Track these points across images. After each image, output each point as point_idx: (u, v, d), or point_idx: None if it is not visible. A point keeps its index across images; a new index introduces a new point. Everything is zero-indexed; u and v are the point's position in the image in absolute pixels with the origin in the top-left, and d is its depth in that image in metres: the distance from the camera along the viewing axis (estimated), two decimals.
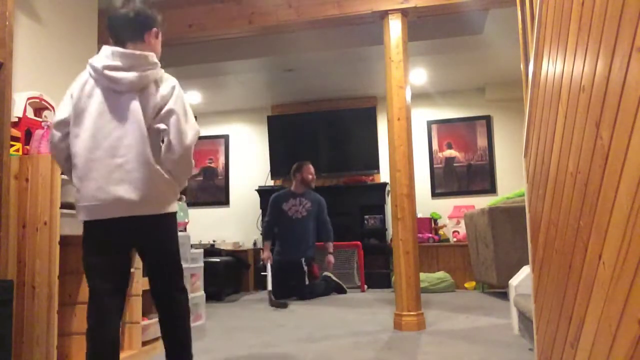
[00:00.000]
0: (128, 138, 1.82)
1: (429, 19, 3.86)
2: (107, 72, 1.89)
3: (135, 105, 1.84)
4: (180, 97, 1.95)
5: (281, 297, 4.78)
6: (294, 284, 5.02)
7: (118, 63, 1.89)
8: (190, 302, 3.49)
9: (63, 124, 1.90)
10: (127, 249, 1.94)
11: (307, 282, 5.04)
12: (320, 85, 6.30)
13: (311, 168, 5.40)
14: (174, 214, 1.96)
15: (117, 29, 2.05)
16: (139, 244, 1.94)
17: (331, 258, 5.29)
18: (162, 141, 1.88)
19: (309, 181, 5.36)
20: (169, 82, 1.98)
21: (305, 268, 5.05)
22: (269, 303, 4.62)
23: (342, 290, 5.39)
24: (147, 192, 1.81)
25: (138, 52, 1.93)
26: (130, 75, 1.87)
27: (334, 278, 5.41)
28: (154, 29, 2.13)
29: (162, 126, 1.87)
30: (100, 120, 1.85)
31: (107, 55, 1.93)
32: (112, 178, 1.79)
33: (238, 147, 7.24)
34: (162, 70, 2.03)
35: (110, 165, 1.80)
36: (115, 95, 1.87)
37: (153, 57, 1.98)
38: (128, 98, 1.86)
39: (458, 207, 6.40)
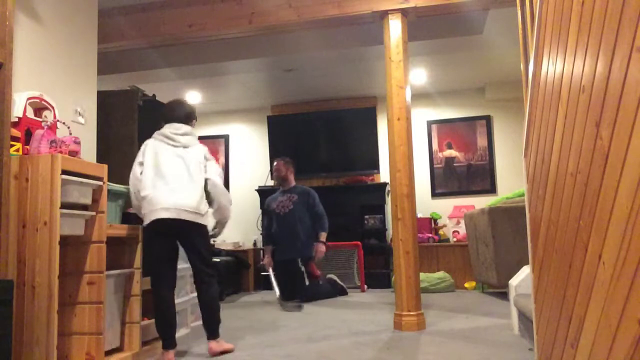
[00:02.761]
0: None
1: (429, 19, 3.86)
2: None
3: None
4: None
5: (286, 299, 4.77)
6: (293, 285, 4.97)
7: None
8: (190, 302, 3.51)
9: None
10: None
11: (307, 283, 4.99)
12: (320, 85, 6.30)
13: (277, 164, 5.31)
14: None
15: None
16: None
17: (320, 247, 5.06)
18: None
19: (279, 177, 5.30)
20: None
21: (303, 268, 4.99)
22: (282, 308, 4.56)
23: (344, 292, 5.34)
24: None
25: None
26: None
27: (339, 281, 5.36)
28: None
29: None
30: None
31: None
32: None
33: (238, 147, 7.24)
34: None
35: None
36: None
37: None
38: None
39: (458, 207, 6.40)
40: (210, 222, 2.90)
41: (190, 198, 2.73)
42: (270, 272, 5.02)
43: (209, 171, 2.92)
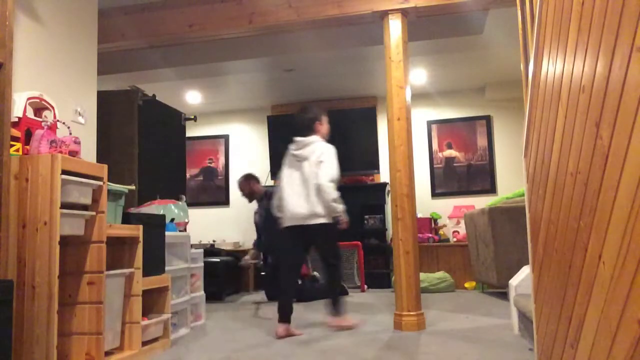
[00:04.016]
0: None
1: (429, 19, 3.86)
2: None
3: None
4: None
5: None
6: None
7: None
8: (190, 302, 3.51)
9: None
10: None
11: (299, 282, 4.93)
12: (320, 85, 6.30)
13: (239, 185, 5.33)
14: None
15: None
16: None
17: None
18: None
19: (245, 196, 5.32)
20: None
21: None
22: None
23: (344, 292, 5.30)
24: None
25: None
26: None
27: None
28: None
29: None
30: None
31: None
32: None
33: (238, 147, 7.24)
34: None
35: None
36: None
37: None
38: None
39: (458, 207, 6.40)
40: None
41: (303, 207, 3.40)
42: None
43: (318, 175, 3.40)
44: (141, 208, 3.41)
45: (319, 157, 3.44)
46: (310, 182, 3.40)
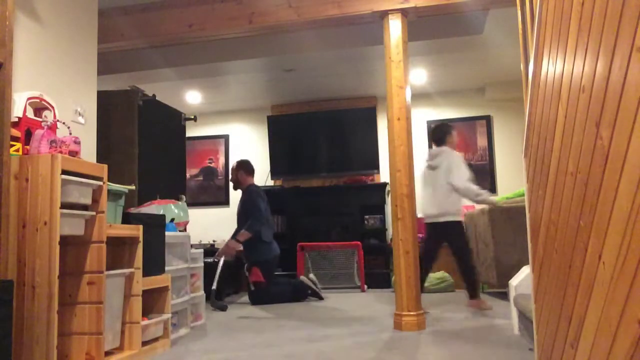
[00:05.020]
0: None
1: (429, 19, 3.86)
2: None
3: None
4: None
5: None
6: (249, 289, 4.97)
7: None
8: (190, 302, 3.51)
9: None
10: None
11: (252, 288, 4.86)
12: (320, 85, 6.30)
13: (230, 169, 5.34)
14: None
15: None
16: None
17: (230, 243, 4.89)
18: None
19: (232, 180, 5.24)
20: None
21: (247, 273, 4.90)
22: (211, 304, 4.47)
23: (318, 296, 5.02)
24: None
25: None
26: None
27: (309, 283, 5.05)
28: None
29: None
30: None
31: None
32: None
33: (238, 147, 7.24)
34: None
35: None
36: None
37: None
38: None
39: None
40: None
41: (434, 207, 4.15)
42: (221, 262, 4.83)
43: (453, 179, 4.05)
44: (141, 208, 3.41)
45: (449, 164, 4.09)
46: (439, 186, 4.10)
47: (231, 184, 5.34)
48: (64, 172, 2.22)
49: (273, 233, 5.13)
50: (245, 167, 5.18)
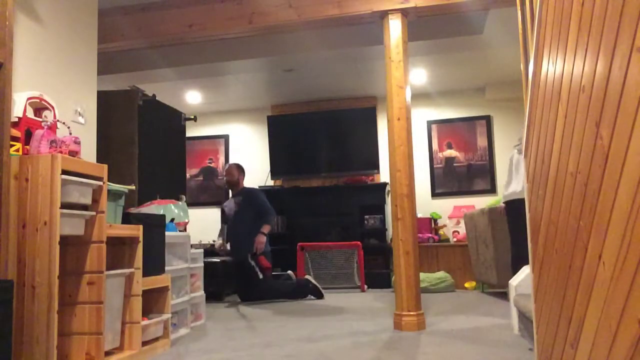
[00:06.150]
0: None
1: (429, 19, 3.86)
2: None
3: None
4: None
5: (242, 299, 5.04)
6: (247, 285, 5.03)
7: None
8: (190, 302, 3.51)
9: None
10: None
11: (260, 277, 4.97)
12: (320, 85, 6.30)
13: (230, 167, 5.49)
14: None
15: None
16: None
17: (259, 237, 5.08)
18: None
19: (231, 181, 5.46)
20: None
21: (253, 263, 5.00)
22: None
23: (319, 295, 5.04)
24: None
25: None
26: None
27: (313, 281, 5.15)
28: None
29: None
30: None
31: None
32: None
33: (238, 147, 7.24)
34: None
35: None
36: None
37: None
38: None
39: (458, 207, 6.40)
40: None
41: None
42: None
43: None
44: (141, 208, 3.41)
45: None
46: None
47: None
48: (64, 172, 2.22)
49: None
50: (242, 169, 5.51)
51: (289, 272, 5.40)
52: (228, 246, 5.41)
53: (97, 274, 2.43)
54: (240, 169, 5.46)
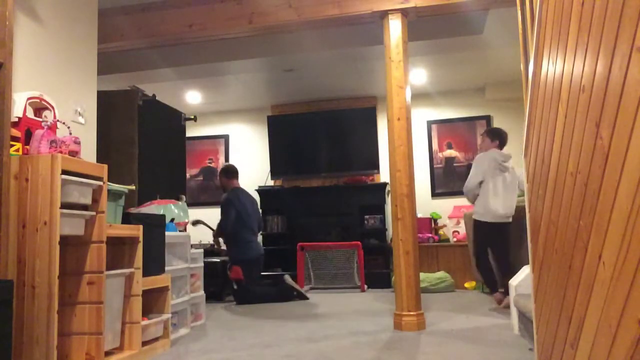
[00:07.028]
0: None
1: (429, 19, 3.86)
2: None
3: None
4: None
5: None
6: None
7: None
8: (190, 302, 3.51)
9: None
10: None
11: (235, 287, 4.98)
12: (320, 85, 6.30)
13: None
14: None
15: None
16: None
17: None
18: None
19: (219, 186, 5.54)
20: None
21: (228, 272, 5.08)
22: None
23: (302, 297, 5.03)
24: None
25: None
26: None
27: (292, 284, 5.11)
28: None
29: None
30: None
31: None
32: None
33: (238, 147, 7.24)
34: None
35: None
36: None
37: None
38: None
39: (458, 207, 6.40)
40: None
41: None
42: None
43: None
44: (141, 208, 3.41)
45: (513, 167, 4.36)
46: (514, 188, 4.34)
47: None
48: (64, 172, 2.22)
49: (255, 233, 5.31)
50: (224, 172, 5.46)
51: (286, 275, 5.30)
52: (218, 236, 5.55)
53: (97, 274, 2.44)
54: (224, 172, 5.44)
